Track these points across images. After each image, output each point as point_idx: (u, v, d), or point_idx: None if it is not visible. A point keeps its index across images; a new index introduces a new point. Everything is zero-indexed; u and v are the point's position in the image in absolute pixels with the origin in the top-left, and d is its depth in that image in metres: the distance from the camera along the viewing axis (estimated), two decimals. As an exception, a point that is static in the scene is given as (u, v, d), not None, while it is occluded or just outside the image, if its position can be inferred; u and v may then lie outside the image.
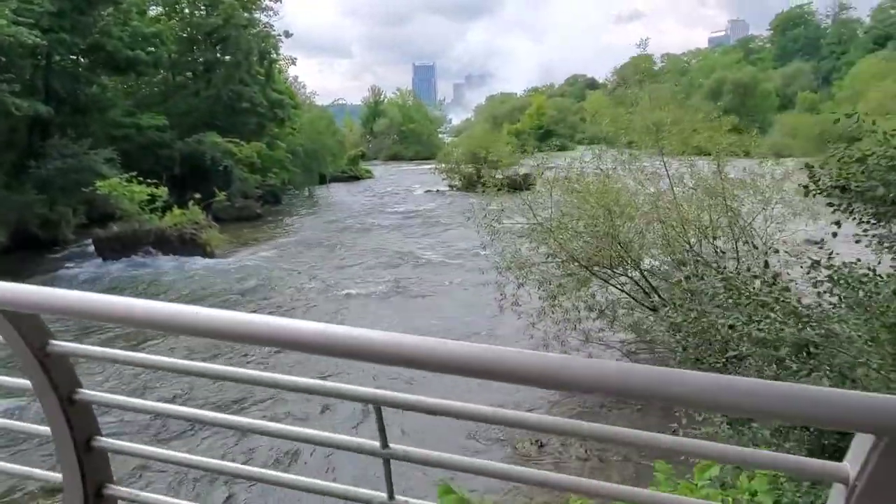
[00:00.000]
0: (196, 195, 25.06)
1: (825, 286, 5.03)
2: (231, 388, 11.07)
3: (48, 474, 1.63)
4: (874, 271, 4.88)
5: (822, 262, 4.98)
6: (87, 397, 1.44)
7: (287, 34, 41.50)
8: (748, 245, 10.38)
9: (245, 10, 37.88)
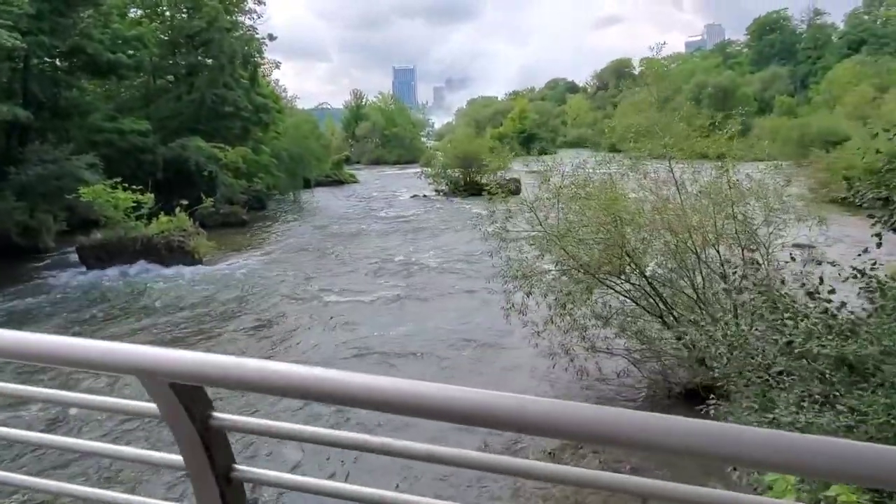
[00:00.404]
0: (182, 201, 24.55)
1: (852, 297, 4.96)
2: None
3: None
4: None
5: (867, 272, 4.89)
6: (244, 475, 1.24)
7: (271, 37, 41.13)
8: (758, 252, 10.39)
9: (228, 14, 37.38)
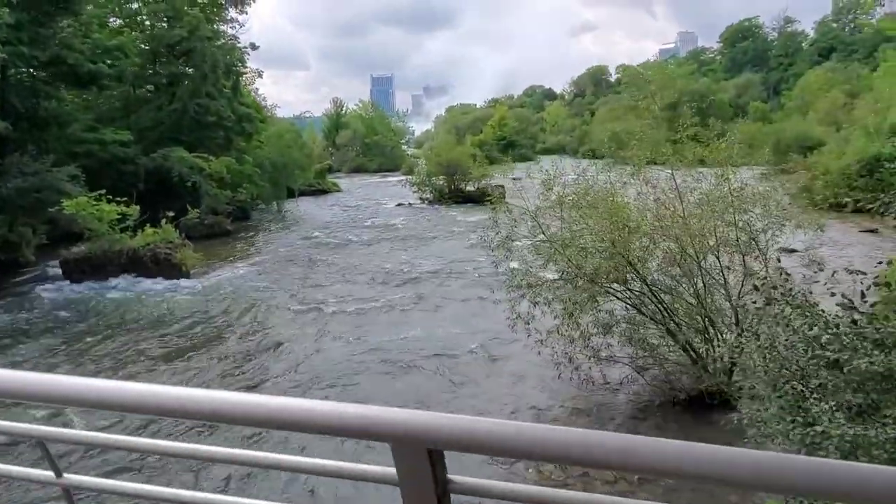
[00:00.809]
0: (168, 213, 24.20)
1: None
2: None
3: None
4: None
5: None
6: None
7: (254, 46, 40.78)
8: (756, 259, 10.56)
9: (209, 23, 37.02)
